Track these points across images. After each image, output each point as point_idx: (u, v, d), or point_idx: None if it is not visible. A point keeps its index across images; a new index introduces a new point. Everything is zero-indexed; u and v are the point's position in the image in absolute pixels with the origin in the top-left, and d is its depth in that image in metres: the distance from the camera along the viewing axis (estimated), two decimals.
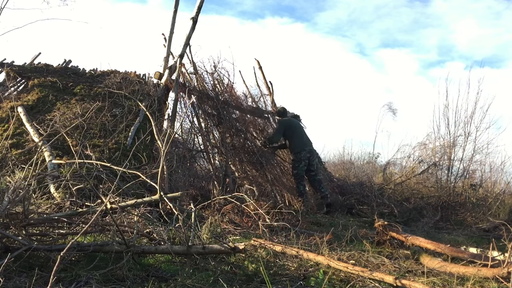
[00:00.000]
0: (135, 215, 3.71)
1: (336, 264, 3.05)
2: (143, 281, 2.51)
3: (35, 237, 2.89)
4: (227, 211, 4.74)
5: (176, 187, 5.08)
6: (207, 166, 7.02)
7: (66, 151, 5.01)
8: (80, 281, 2.38)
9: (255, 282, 2.69)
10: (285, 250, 3.39)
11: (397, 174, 8.38)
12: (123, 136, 5.54)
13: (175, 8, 6.96)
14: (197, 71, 6.83)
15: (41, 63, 7.06)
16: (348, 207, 7.04)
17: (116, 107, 6.00)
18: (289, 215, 4.87)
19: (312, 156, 6.93)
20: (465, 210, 6.99)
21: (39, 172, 3.83)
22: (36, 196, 3.72)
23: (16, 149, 4.99)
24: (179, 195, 3.68)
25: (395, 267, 3.39)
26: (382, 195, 7.50)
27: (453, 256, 3.69)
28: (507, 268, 2.88)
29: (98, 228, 3.06)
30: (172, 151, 5.61)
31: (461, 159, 7.56)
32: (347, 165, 10.91)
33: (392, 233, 4.28)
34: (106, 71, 7.02)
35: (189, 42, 6.67)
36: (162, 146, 3.60)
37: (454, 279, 3.00)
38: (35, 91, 6.21)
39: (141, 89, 6.35)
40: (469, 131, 7.56)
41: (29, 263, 2.56)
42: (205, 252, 2.93)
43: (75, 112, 5.59)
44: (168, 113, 6.44)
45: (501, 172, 8.39)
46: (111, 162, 4.31)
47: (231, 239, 3.87)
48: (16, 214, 2.77)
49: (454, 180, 7.48)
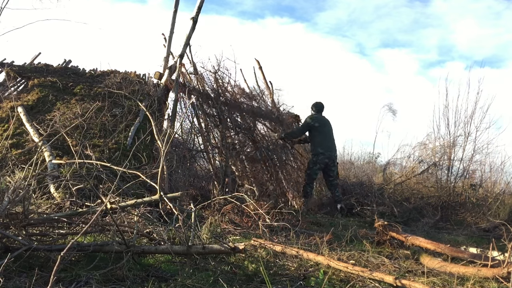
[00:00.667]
0: (135, 215, 3.71)
1: (336, 264, 3.05)
2: (143, 281, 2.51)
3: (35, 237, 2.89)
4: (227, 211, 4.75)
5: (176, 187, 5.08)
6: (207, 166, 7.02)
7: (66, 151, 5.01)
8: (80, 281, 2.38)
9: (255, 282, 2.69)
10: (285, 250, 3.39)
11: (397, 174, 8.38)
12: (123, 136, 5.54)
13: (175, 8, 6.96)
14: (197, 71, 6.83)
15: (41, 63, 7.06)
16: (348, 207, 7.03)
17: (116, 107, 6.00)
18: (289, 215, 4.87)
19: (331, 162, 6.70)
20: (465, 210, 6.99)
21: (39, 172, 3.83)
22: (36, 196, 3.71)
23: (16, 149, 4.99)
24: (179, 195, 3.68)
25: (395, 267, 3.39)
26: (382, 195, 7.50)
27: (453, 256, 3.69)
28: (507, 268, 2.88)
29: (98, 228, 3.06)
30: (172, 151, 5.61)
31: (461, 159, 7.55)
32: (347, 165, 10.90)
33: (392, 233, 4.28)
34: (106, 71, 7.01)
35: (189, 42, 6.67)
36: (162, 146, 3.60)
37: (454, 279, 3.00)
38: (35, 91, 6.21)
39: (141, 89, 6.34)
40: (469, 131, 7.56)
41: (29, 263, 2.56)
42: (205, 252, 2.93)
43: (75, 112, 5.59)
44: (168, 113, 6.44)
45: (501, 172, 8.38)
46: (111, 162, 4.31)
47: (231, 239, 3.87)
48: (16, 214, 2.77)
49: (454, 180, 7.48)
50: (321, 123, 6.81)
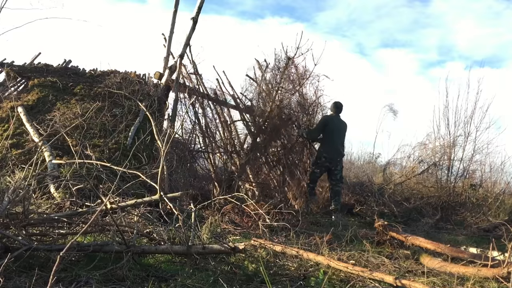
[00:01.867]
0: (135, 215, 3.71)
1: (336, 264, 3.05)
2: (143, 281, 2.51)
3: (35, 237, 2.88)
4: (227, 211, 4.75)
5: (176, 187, 5.08)
6: (207, 166, 7.01)
7: (66, 151, 5.00)
8: (80, 281, 2.38)
9: (255, 282, 2.69)
10: (285, 250, 3.39)
11: (397, 174, 8.37)
12: (123, 136, 5.54)
13: (175, 8, 6.96)
14: (197, 71, 6.83)
15: (41, 63, 7.05)
16: (348, 207, 7.02)
17: (116, 107, 5.99)
18: (289, 215, 4.87)
19: (333, 166, 6.53)
20: (465, 210, 7.00)
21: (39, 172, 3.83)
22: (36, 196, 3.72)
23: (16, 149, 4.98)
24: (179, 195, 3.68)
25: (395, 267, 3.39)
26: (382, 195, 7.50)
27: (453, 256, 3.69)
28: (507, 268, 2.88)
29: (98, 228, 3.06)
30: (172, 151, 5.61)
31: (461, 159, 7.55)
32: (347, 165, 10.89)
33: (392, 233, 4.28)
34: (106, 71, 7.01)
35: (189, 42, 6.67)
36: (162, 146, 3.60)
37: (454, 279, 3.00)
38: (35, 91, 6.21)
39: (141, 89, 6.35)
40: (469, 131, 7.55)
41: (29, 263, 2.56)
42: (205, 252, 2.93)
43: (75, 112, 5.59)
44: (168, 113, 6.45)
45: (501, 172, 8.40)
46: (111, 162, 4.31)
47: (231, 239, 3.87)
48: (16, 214, 2.77)
49: (454, 180, 7.47)
50: (333, 125, 6.58)
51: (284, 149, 6.80)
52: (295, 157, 6.98)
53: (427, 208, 6.90)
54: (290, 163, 6.85)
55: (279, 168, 6.89)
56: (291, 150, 6.85)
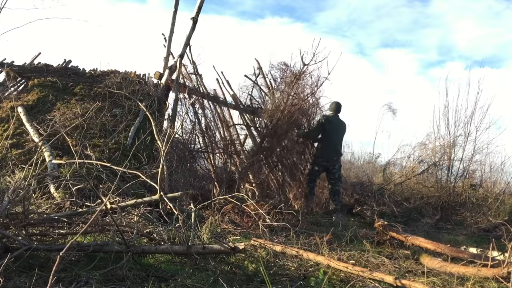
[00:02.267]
0: (135, 215, 3.71)
1: (336, 264, 3.05)
2: (143, 281, 2.51)
3: (35, 237, 2.88)
4: (227, 211, 4.74)
5: (176, 187, 5.08)
6: (207, 166, 7.01)
7: (66, 151, 5.00)
8: (80, 281, 2.38)
9: (255, 282, 2.69)
10: (285, 250, 3.39)
11: (397, 174, 8.38)
12: (123, 136, 5.53)
13: (175, 8, 6.96)
14: (197, 71, 6.83)
15: (41, 63, 7.05)
16: (348, 207, 7.02)
17: (116, 107, 5.99)
18: (289, 215, 4.87)
19: (331, 167, 6.55)
20: (465, 210, 7.00)
21: (39, 172, 3.83)
22: (36, 196, 3.72)
23: (16, 149, 4.98)
24: (179, 195, 3.68)
25: (395, 267, 3.39)
26: (382, 195, 7.50)
27: (453, 256, 3.69)
28: (507, 268, 2.88)
29: (98, 228, 3.06)
30: (172, 151, 5.61)
31: (461, 159, 7.55)
32: (347, 165, 10.89)
33: (392, 233, 4.28)
34: (106, 71, 7.01)
35: (189, 42, 6.67)
36: (162, 146, 3.60)
37: (454, 279, 3.00)
38: (35, 91, 6.21)
39: (141, 89, 6.35)
40: (469, 131, 7.54)
41: (29, 263, 2.56)
42: (205, 252, 2.93)
43: (75, 112, 5.59)
44: (168, 113, 6.44)
45: (501, 172, 8.40)
46: (111, 162, 4.31)
47: (231, 239, 3.87)
48: (16, 214, 2.77)
49: (454, 180, 7.47)
50: (332, 125, 6.57)
51: (285, 149, 6.81)
52: (296, 158, 6.98)
53: (427, 208, 6.90)
54: (290, 163, 6.86)
55: (279, 169, 6.89)
56: (291, 151, 6.85)
